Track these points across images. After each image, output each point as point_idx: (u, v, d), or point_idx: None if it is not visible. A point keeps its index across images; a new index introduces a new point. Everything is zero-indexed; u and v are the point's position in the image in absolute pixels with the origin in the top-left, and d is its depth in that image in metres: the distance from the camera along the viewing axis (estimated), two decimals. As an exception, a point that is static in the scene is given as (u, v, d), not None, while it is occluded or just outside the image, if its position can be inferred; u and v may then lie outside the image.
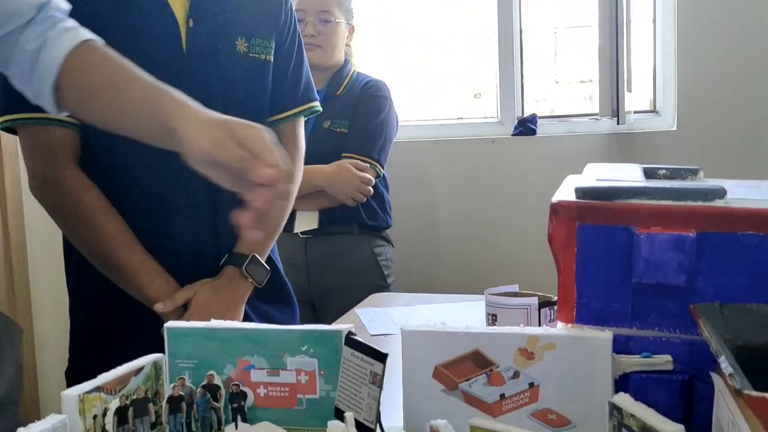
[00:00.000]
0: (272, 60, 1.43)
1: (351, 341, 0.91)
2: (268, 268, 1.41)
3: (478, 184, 2.86)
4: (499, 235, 2.84)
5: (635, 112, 2.73)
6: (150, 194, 1.35)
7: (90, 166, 1.34)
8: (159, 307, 1.32)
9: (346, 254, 2.37)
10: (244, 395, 0.97)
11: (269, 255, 1.49)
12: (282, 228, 1.50)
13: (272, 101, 1.46)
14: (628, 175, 1.02)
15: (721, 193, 0.88)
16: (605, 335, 0.87)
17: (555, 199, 0.91)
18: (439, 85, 3.15)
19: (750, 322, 0.76)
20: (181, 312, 1.33)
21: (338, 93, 2.37)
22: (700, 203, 0.87)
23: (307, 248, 2.38)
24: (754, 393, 0.54)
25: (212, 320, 1.01)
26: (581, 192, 0.91)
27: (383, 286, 2.36)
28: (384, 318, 1.67)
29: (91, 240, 1.33)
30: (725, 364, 0.60)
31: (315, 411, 0.95)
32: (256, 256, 1.39)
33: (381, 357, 0.86)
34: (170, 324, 1.02)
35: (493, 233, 2.85)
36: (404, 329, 0.93)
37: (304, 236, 2.36)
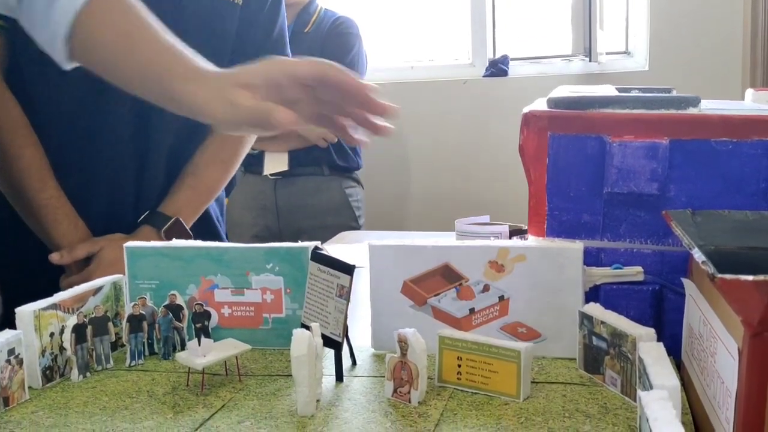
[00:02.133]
0: (240, 3, 1.28)
1: (317, 256, 0.89)
2: (192, 234, 1.24)
3: (448, 126, 2.83)
4: (469, 176, 2.82)
5: (607, 54, 2.71)
6: (75, 130, 1.21)
7: (15, 84, 1.19)
8: (54, 258, 1.17)
9: (316, 195, 2.34)
10: (207, 315, 0.94)
11: (212, 218, 1.37)
12: (220, 191, 1.35)
13: (238, 52, 1.27)
14: (601, 91, 1.00)
15: (694, 101, 0.86)
16: (576, 245, 0.85)
17: (526, 109, 0.89)
18: (409, 26, 3.09)
19: (722, 228, 0.74)
20: (83, 266, 1.19)
21: (306, 30, 2.31)
22: (673, 111, 0.85)
23: (277, 190, 2.34)
24: (728, 276, 0.52)
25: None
26: (553, 102, 0.89)
27: (354, 227, 2.33)
28: (352, 253, 1.64)
29: (1, 161, 1.17)
30: (698, 254, 0.59)
31: (281, 330, 0.93)
32: (180, 220, 1.23)
33: (348, 269, 0.84)
34: (130, 243, 0.98)
35: (463, 174, 2.83)
36: (372, 243, 0.91)
37: (274, 177, 2.33)
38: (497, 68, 2.79)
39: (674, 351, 0.78)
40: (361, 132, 0.87)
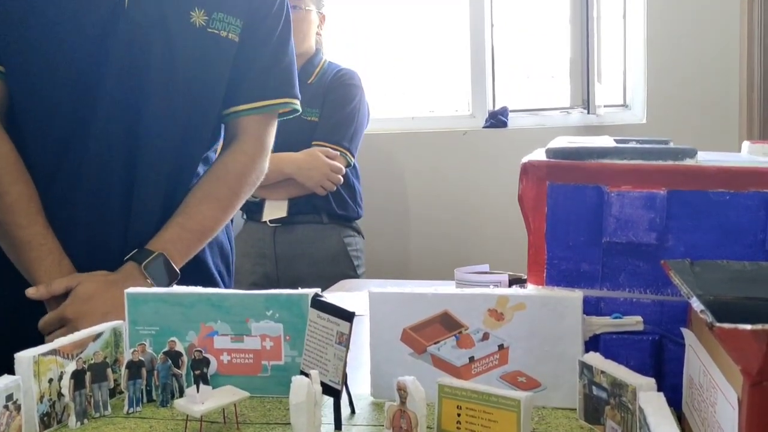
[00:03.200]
0: (237, 40, 1.25)
1: (317, 303, 0.89)
2: (178, 272, 1.20)
3: (449, 177, 2.85)
4: (469, 226, 2.83)
5: (605, 106, 2.74)
6: (64, 168, 1.20)
7: (10, 126, 1.20)
8: (30, 292, 1.14)
9: (315, 244, 2.35)
10: (206, 362, 0.94)
11: (201, 259, 1.32)
12: (217, 232, 1.31)
13: (235, 89, 1.28)
14: (599, 142, 1.01)
15: (691, 153, 0.88)
16: (575, 294, 0.86)
17: (525, 159, 0.90)
18: (411, 79, 3.14)
19: (720, 278, 0.75)
20: (62, 302, 1.15)
21: (309, 81, 2.34)
22: (670, 162, 0.86)
23: (276, 237, 2.35)
24: (726, 325, 0.53)
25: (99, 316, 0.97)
26: (552, 152, 0.90)
27: (353, 277, 2.33)
28: (352, 301, 1.64)
29: None
30: (696, 303, 0.59)
31: (280, 377, 0.93)
32: (165, 255, 1.19)
33: (347, 316, 0.84)
34: (131, 289, 0.98)
35: (463, 224, 2.84)
36: (372, 291, 0.91)
37: (273, 225, 2.33)
38: (497, 119, 2.82)
39: (675, 402, 0.78)
40: None
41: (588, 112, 2.58)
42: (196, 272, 1.25)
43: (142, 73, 1.18)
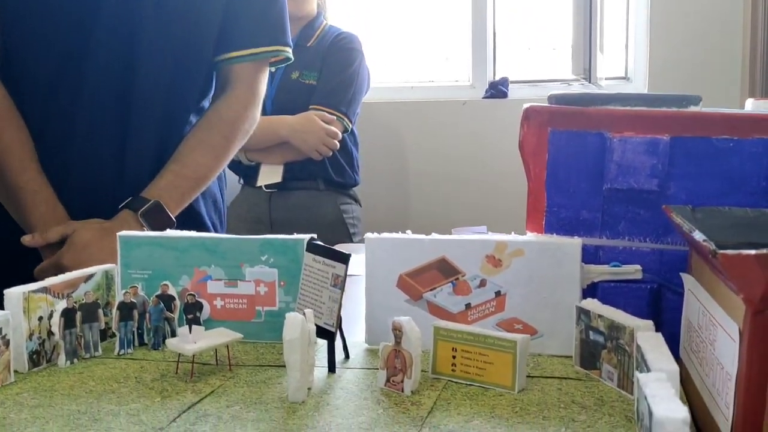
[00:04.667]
0: None
1: (313, 246, 0.88)
2: (174, 219, 1.19)
3: (447, 147, 2.83)
4: (467, 197, 2.82)
5: (607, 78, 2.72)
6: (57, 112, 1.18)
7: (1, 70, 1.19)
8: (26, 239, 1.14)
9: (311, 210, 2.33)
10: (199, 306, 0.93)
11: (195, 210, 1.31)
12: (211, 180, 1.29)
13: (227, 36, 1.26)
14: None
15: (695, 100, 0.86)
16: (574, 241, 0.84)
17: (527, 105, 0.89)
18: (411, 48, 3.11)
19: (722, 224, 0.74)
20: (57, 250, 1.14)
21: (309, 44, 2.32)
22: (674, 109, 0.85)
23: (272, 203, 2.33)
24: (729, 251, 0.51)
25: (93, 263, 0.96)
26: (554, 98, 0.89)
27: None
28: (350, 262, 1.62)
29: None
30: (699, 235, 0.58)
31: (274, 323, 0.92)
32: (160, 203, 1.17)
33: (343, 258, 0.83)
34: (124, 232, 0.97)
35: (461, 196, 2.83)
36: (369, 236, 0.90)
37: (268, 190, 2.31)
38: (497, 90, 2.80)
39: (672, 350, 0.77)
40: None
41: (589, 83, 2.56)
42: (189, 222, 1.23)
43: (135, 14, 1.17)
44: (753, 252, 0.50)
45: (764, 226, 0.75)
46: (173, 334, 0.91)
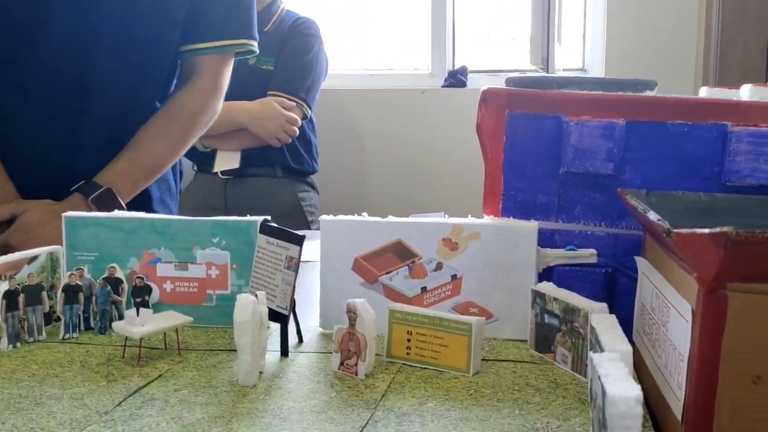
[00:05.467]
0: None
1: (266, 228, 0.86)
2: (125, 207, 1.16)
3: (406, 135, 2.83)
4: (426, 184, 2.82)
5: (564, 69, 2.74)
6: (13, 80, 1.15)
7: None
8: None
9: (268, 197, 2.30)
10: (148, 289, 0.90)
11: (148, 197, 1.29)
12: (166, 169, 1.29)
13: (194, 26, 1.25)
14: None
15: (651, 85, 0.86)
16: (531, 224, 0.84)
17: (485, 87, 0.88)
18: (370, 35, 3.09)
19: (675, 208, 0.74)
20: (6, 229, 1.13)
21: (266, 29, 2.28)
22: (630, 93, 0.85)
23: (227, 190, 2.29)
24: (684, 231, 0.51)
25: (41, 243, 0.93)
26: (512, 81, 0.88)
27: (306, 232, 2.30)
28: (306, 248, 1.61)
29: None
30: (653, 215, 0.58)
31: (225, 308, 0.89)
32: (112, 190, 1.16)
33: (297, 240, 0.81)
34: (69, 213, 0.94)
35: (420, 184, 2.82)
36: (323, 218, 0.88)
37: (224, 177, 2.28)
38: (456, 79, 2.80)
39: (626, 334, 0.77)
40: None
41: (547, 73, 2.57)
42: (140, 206, 1.21)
43: (91, 14, 1.14)
44: (707, 231, 0.50)
45: (717, 211, 0.76)
46: (121, 318, 0.88)
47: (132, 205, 1.17)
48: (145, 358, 0.79)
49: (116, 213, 0.95)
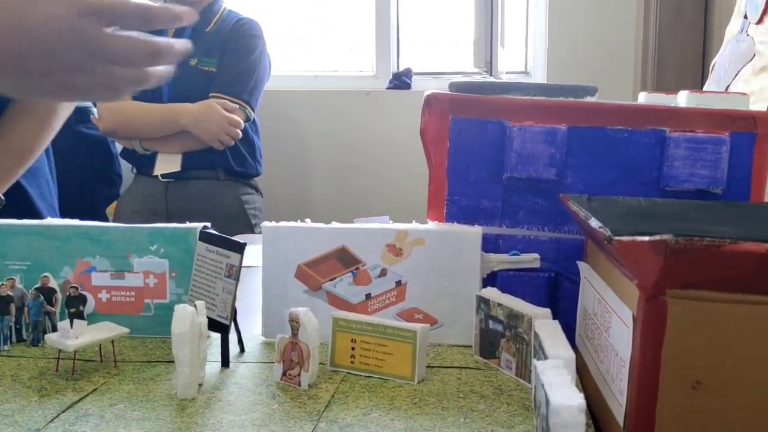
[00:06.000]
0: None
1: (206, 236, 0.84)
2: (2, 198, 1.14)
3: (351, 136, 2.82)
4: (370, 188, 2.81)
5: (507, 72, 2.77)
6: None
7: None
8: None
9: (210, 201, 2.26)
10: (83, 299, 0.87)
11: (25, 194, 1.26)
12: (40, 152, 1.23)
13: None
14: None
15: (592, 90, 0.87)
16: (475, 230, 0.84)
17: (429, 92, 0.87)
18: (314, 36, 3.07)
19: (616, 213, 0.75)
20: None
21: (207, 29, 2.23)
22: (571, 99, 0.86)
23: (168, 193, 2.24)
24: (625, 238, 0.52)
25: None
26: (455, 86, 0.88)
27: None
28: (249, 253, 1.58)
29: None
30: (595, 222, 0.58)
31: (164, 317, 0.87)
32: None
33: (238, 248, 0.79)
34: (0, 221, 0.90)
35: (364, 185, 2.82)
36: (265, 224, 0.87)
37: (165, 180, 2.23)
38: (400, 81, 2.80)
39: (569, 338, 0.77)
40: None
41: (490, 76, 2.59)
42: (23, 206, 1.17)
43: None
44: (647, 238, 0.50)
45: (656, 215, 0.77)
46: (54, 329, 0.85)
47: (11, 204, 1.13)
48: (79, 372, 0.76)
49: (49, 221, 0.91)
